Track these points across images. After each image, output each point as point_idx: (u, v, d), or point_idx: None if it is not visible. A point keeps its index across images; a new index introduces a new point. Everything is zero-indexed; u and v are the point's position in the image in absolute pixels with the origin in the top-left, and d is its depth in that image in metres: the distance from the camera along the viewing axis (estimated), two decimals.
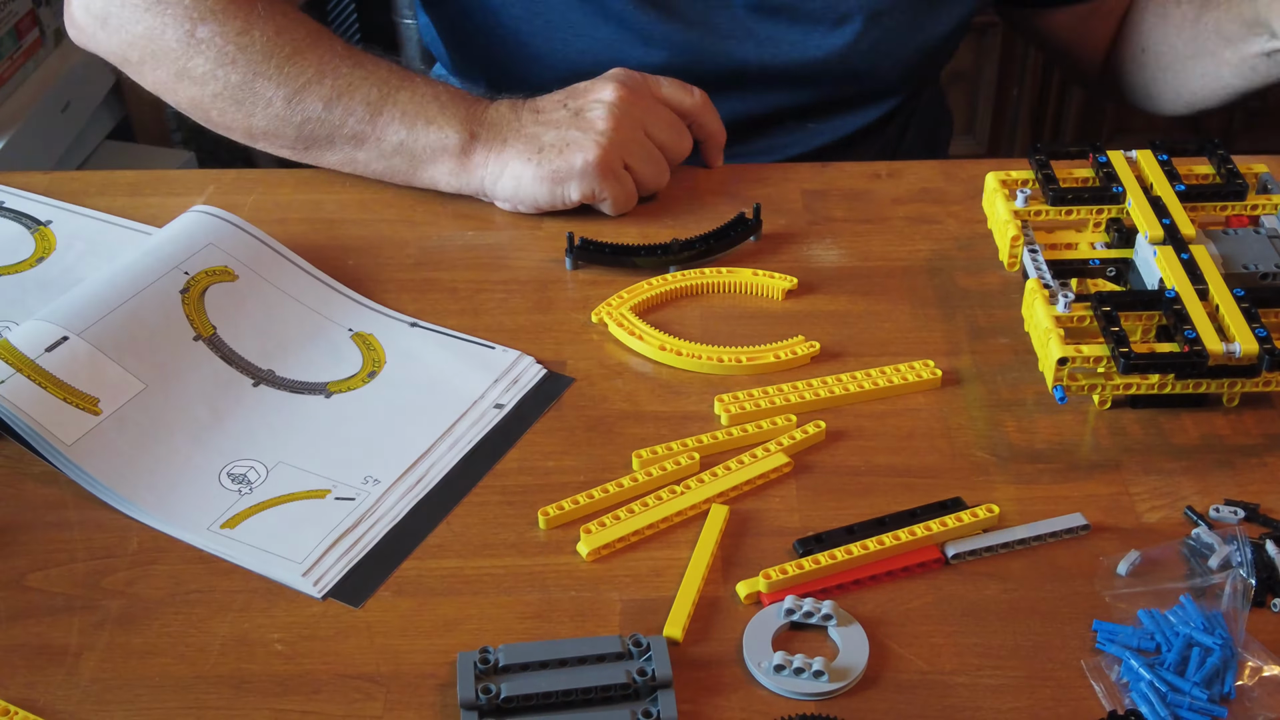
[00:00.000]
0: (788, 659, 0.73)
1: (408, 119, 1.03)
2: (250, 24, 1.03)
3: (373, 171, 1.07)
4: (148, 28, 1.05)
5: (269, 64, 1.03)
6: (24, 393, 0.84)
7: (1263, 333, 0.85)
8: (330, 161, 1.07)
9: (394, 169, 1.06)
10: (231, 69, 1.03)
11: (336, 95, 1.03)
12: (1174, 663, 0.72)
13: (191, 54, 1.04)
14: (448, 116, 1.03)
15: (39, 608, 0.78)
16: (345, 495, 0.84)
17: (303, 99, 1.03)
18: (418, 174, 1.06)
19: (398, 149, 1.04)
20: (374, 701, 0.72)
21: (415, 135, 1.03)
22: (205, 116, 1.07)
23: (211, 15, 1.03)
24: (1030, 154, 0.98)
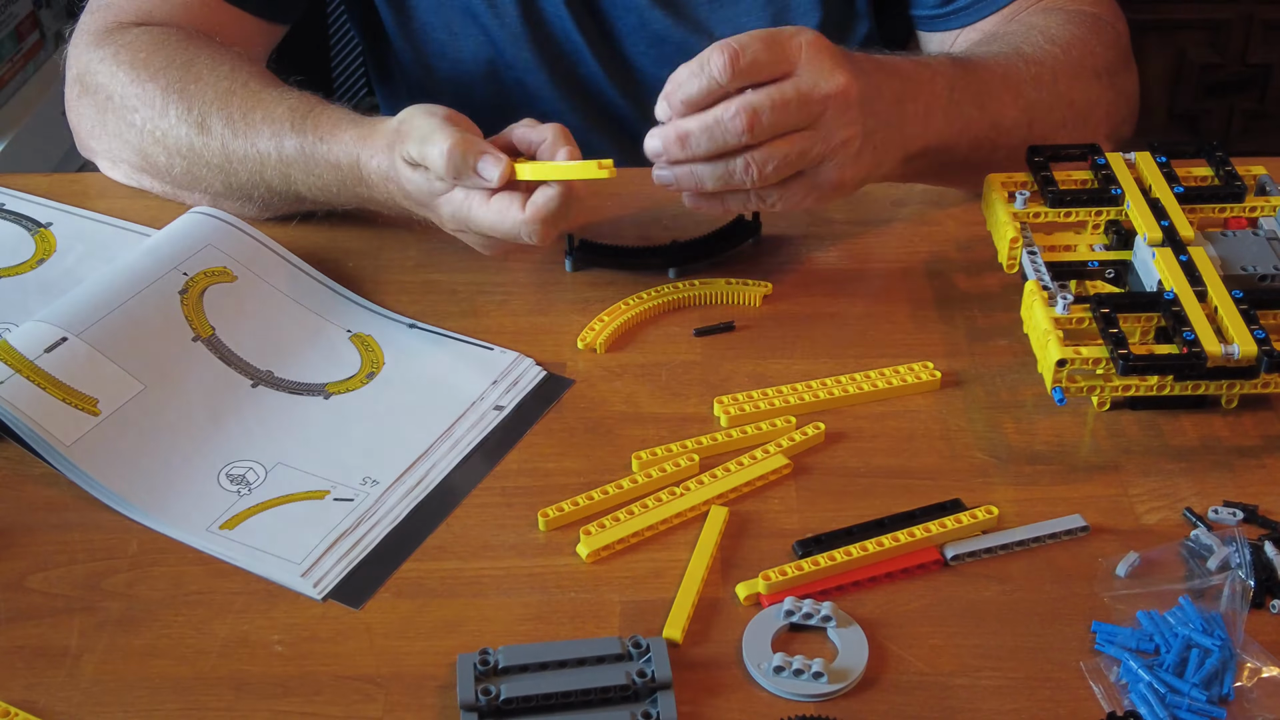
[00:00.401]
0: (787, 660, 0.73)
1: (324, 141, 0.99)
2: (167, 99, 1.02)
3: (319, 197, 1.01)
4: (109, 126, 1.05)
5: (188, 141, 1.01)
6: (23, 393, 0.84)
7: (1261, 334, 0.85)
8: (277, 206, 1.03)
9: (327, 195, 1.01)
10: (170, 157, 1.02)
11: (252, 173, 1.00)
12: (1173, 664, 0.72)
13: (140, 141, 1.03)
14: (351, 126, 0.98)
15: (39, 609, 0.78)
16: (344, 496, 0.84)
17: (233, 169, 1.01)
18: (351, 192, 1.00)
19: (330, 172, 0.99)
20: (374, 703, 0.73)
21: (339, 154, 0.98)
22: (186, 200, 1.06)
23: (139, 101, 1.02)
24: (1029, 156, 0.98)
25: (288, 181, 0.99)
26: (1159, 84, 2.38)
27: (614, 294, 0.99)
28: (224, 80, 1.02)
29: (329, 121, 0.98)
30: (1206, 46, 2.35)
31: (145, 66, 1.03)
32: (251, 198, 1.02)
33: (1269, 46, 2.34)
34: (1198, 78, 2.37)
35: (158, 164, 1.04)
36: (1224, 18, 2.31)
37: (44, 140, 1.94)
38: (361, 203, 0.99)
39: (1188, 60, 2.35)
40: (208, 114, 1.00)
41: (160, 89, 1.02)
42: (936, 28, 1.17)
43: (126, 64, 1.04)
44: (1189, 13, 2.31)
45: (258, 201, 1.02)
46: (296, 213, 1.04)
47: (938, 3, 1.16)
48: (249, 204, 1.02)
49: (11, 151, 1.86)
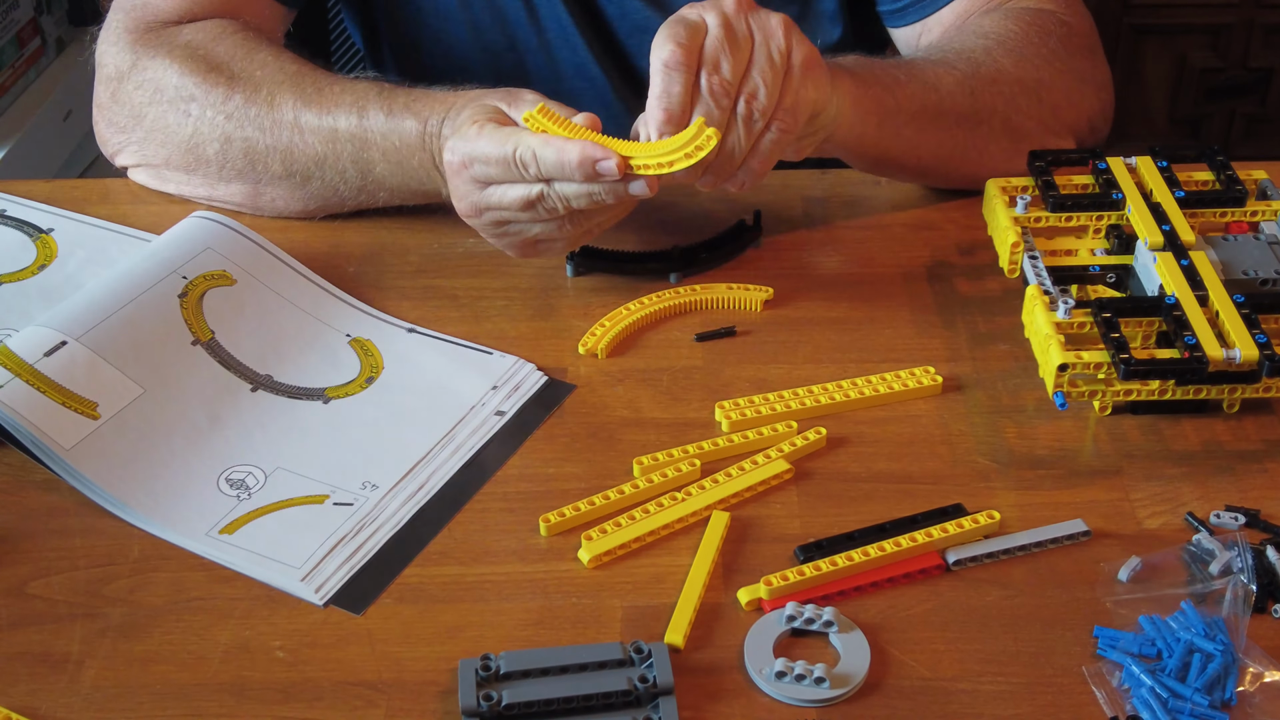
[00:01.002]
0: (789, 665, 0.73)
1: (389, 168, 1.00)
2: (232, 88, 1.02)
3: (386, 182, 1.02)
4: (153, 119, 1.04)
5: (253, 127, 1.01)
6: (22, 397, 0.84)
7: (1262, 339, 0.85)
8: (347, 207, 1.04)
9: (410, 200, 1.03)
10: (228, 145, 1.02)
11: (324, 158, 1.01)
12: (1175, 669, 0.72)
13: (192, 133, 1.03)
14: (411, 156, 0.99)
15: (41, 615, 0.78)
16: (343, 500, 0.84)
17: (293, 159, 1.01)
18: (415, 178, 1.01)
19: (396, 193, 1.02)
20: (375, 709, 0.72)
21: (407, 180, 1.00)
22: (231, 198, 1.06)
23: (197, 89, 1.02)
24: (1030, 161, 0.98)
25: (362, 148, 0.99)
26: (1160, 88, 2.38)
27: (615, 299, 0.99)
28: (291, 64, 1.02)
29: (422, 89, 0.99)
30: (1207, 50, 2.35)
31: (205, 60, 1.03)
32: (311, 178, 1.01)
33: (1270, 50, 2.34)
34: (1198, 82, 2.37)
35: (206, 154, 1.03)
36: (1225, 22, 2.31)
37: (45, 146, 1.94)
38: (430, 170, 0.98)
39: (1189, 64, 2.35)
40: (277, 92, 1.01)
41: (225, 78, 1.02)
42: (898, 22, 1.17)
43: (182, 58, 1.03)
44: (1190, 17, 2.31)
45: (318, 181, 1.02)
46: (349, 204, 1.04)
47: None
48: (306, 186, 1.02)
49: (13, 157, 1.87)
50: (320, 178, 1.02)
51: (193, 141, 1.03)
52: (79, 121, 1.99)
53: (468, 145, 0.89)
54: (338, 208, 1.04)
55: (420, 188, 1.01)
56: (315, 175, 1.01)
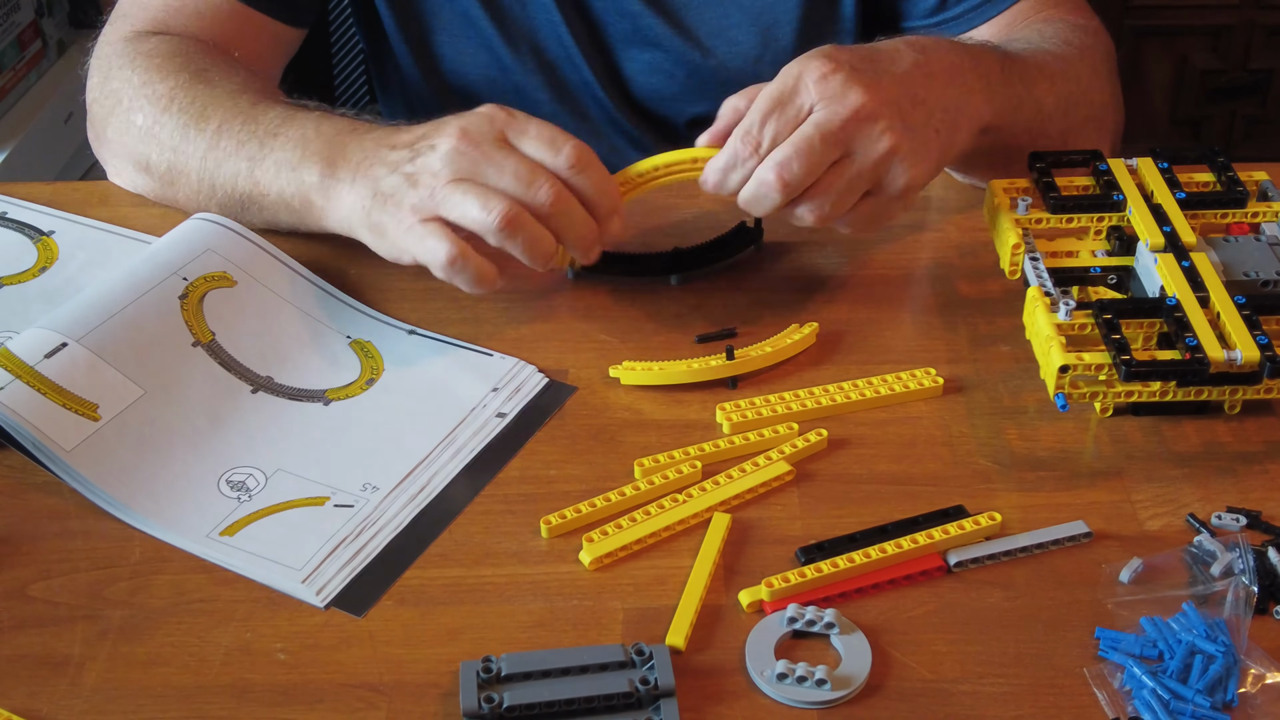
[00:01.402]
0: (790, 667, 0.73)
1: (278, 168, 0.97)
2: (172, 100, 1.02)
3: (284, 226, 1.00)
4: (114, 130, 1.06)
5: (180, 137, 1.01)
6: (23, 399, 0.84)
7: (1264, 340, 0.85)
8: (259, 224, 1.01)
9: (288, 223, 0.99)
10: (159, 150, 1.03)
11: (226, 156, 0.99)
12: (1176, 670, 0.72)
13: (138, 143, 1.04)
14: (309, 156, 0.95)
15: (42, 618, 0.78)
16: (344, 502, 0.84)
17: (206, 165, 1.01)
18: (306, 222, 0.98)
19: (278, 202, 0.98)
20: (377, 711, 0.72)
21: (282, 184, 0.97)
22: (171, 204, 1.06)
23: (146, 101, 1.03)
24: (1031, 162, 0.98)
25: (258, 158, 0.98)
26: (1161, 89, 2.38)
27: (616, 301, 0.99)
28: (237, 82, 1.03)
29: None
30: (1208, 52, 2.35)
31: (159, 70, 1.04)
32: (214, 194, 1.01)
33: (1270, 52, 2.34)
34: (1199, 83, 2.37)
35: (149, 161, 1.04)
36: (1225, 23, 2.31)
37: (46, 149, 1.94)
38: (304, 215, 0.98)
39: (1189, 66, 2.35)
40: (210, 107, 1.01)
41: (168, 89, 1.03)
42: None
43: (141, 68, 1.05)
44: (1191, 18, 2.32)
45: (218, 198, 1.01)
46: (251, 225, 1.02)
47: (927, 13, 1.16)
48: (211, 200, 1.02)
49: (14, 160, 1.87)
50: (220, 185, 1.01)
51: (139, 151, 1.05)
52: (80, 124, 1.98)
53: (512, 122, 0.89)
54: (243, 219, 1.01)
55: (295, 196, 0.97)
56: (217, 181, 1.01)
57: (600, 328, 0.97)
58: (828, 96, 0.89)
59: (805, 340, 0.95)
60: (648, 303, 0.99)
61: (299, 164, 0.96)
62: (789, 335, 0.95)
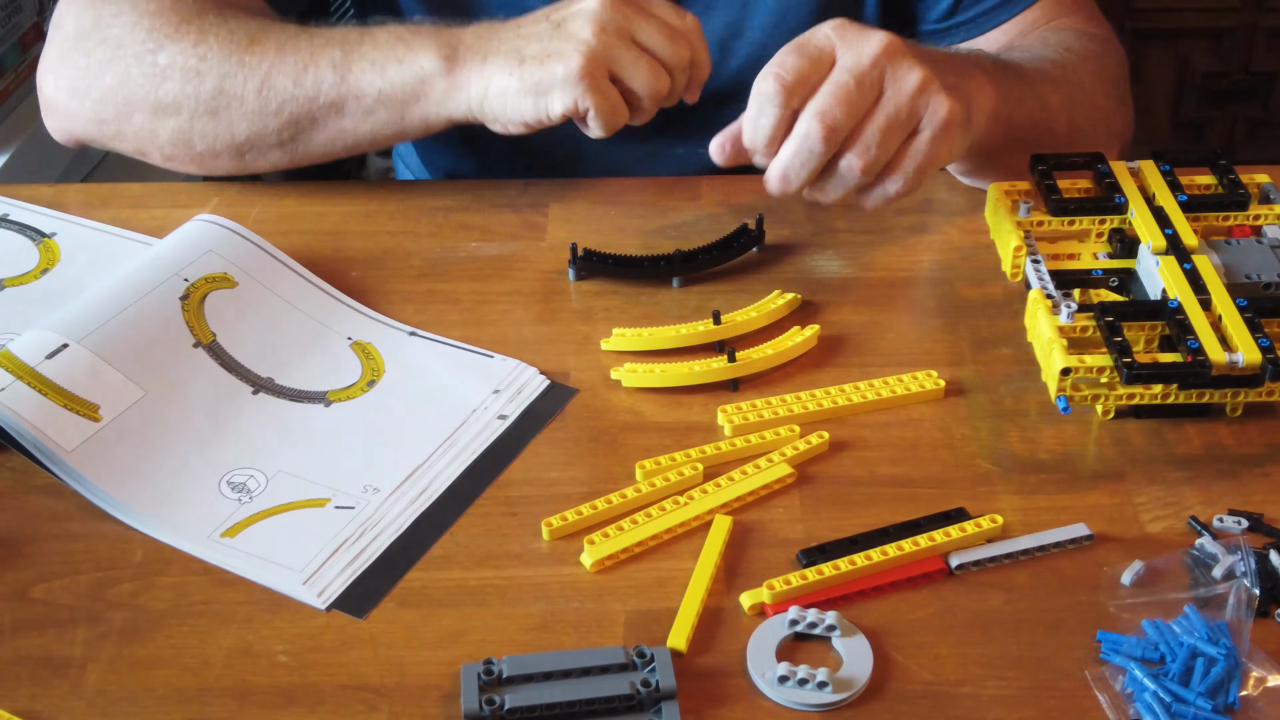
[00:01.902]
0: (792, 670, 0.73)
1: (378, 66, 0.98)
2: (204, 33, 1.01)
3: (364, 135, 1.01)
4: (114, 76, 1.03)
5: (229, 61, 1.00)
6: (24, 399, 0.84)
7: (1266, 343, 0.85)
8: (319, 143, 1.02)
9: (382, 123, 1.01)
10: (200, 81, 1.00)
11: (302, 68, 0.99)
12: (1178, 673, 0.72)
13: (160, 82, 1.01)
14: (419, 48, 0.98)
15: (43, 620, 0.78)
16: (345, 504, 0.84)
17: (271, 82, 0.99)
18: (406, 119, 1.00)
19: (379, 100, 0.99)
20: (378, 713, 0.72)
21: (390, 79, 0.98)
22: (190, 148, 1.03)
23: (168, 39, 1.01)
24: (1033, 164, 0.98)
25: (346, 62, 0.98)
26: (1162, 92, 2.38)
27: (618, 303, 0.99)
28: (271, 16, 1.03)
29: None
30: (1210, 54, 2.35)
31: (172, 10, 1.02)
32: (281, 112, 1.00)
33: (1272, 54, 2.34)
34: (1201, 86, 2.37)
35: (167, 97, 1.01)
36: (1227, 26, 2.31)
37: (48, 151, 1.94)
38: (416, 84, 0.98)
39: (1191, 68, 2.35)
40: (260, 32, 1.00)
41: (196, 29, 1.01)
42: (940, 43, 1.17)
43: (148, 12, 1.02)
44: (1192, 21, 2.31)
45: (285, 116, 1.00)
46: (308, 149, 1.02)
47: (941, 16, 1.16)
48: (272, 120, 1.01)
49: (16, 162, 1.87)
50: (291, 113, 1.00)
51: (157, 87, 1.02)
52: None
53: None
54: (302, 141, 1.02)
55: (403, 87, 0.99)
56: (288, 108, 1.00)
57: (602, 330, 0.97)
58: (850, 41, 0.89)
59: (807, 342, 0.95)
60: (650, 305, 0.99)
61: (407, 57, 0.98)
62: (790, 337, 0.95)
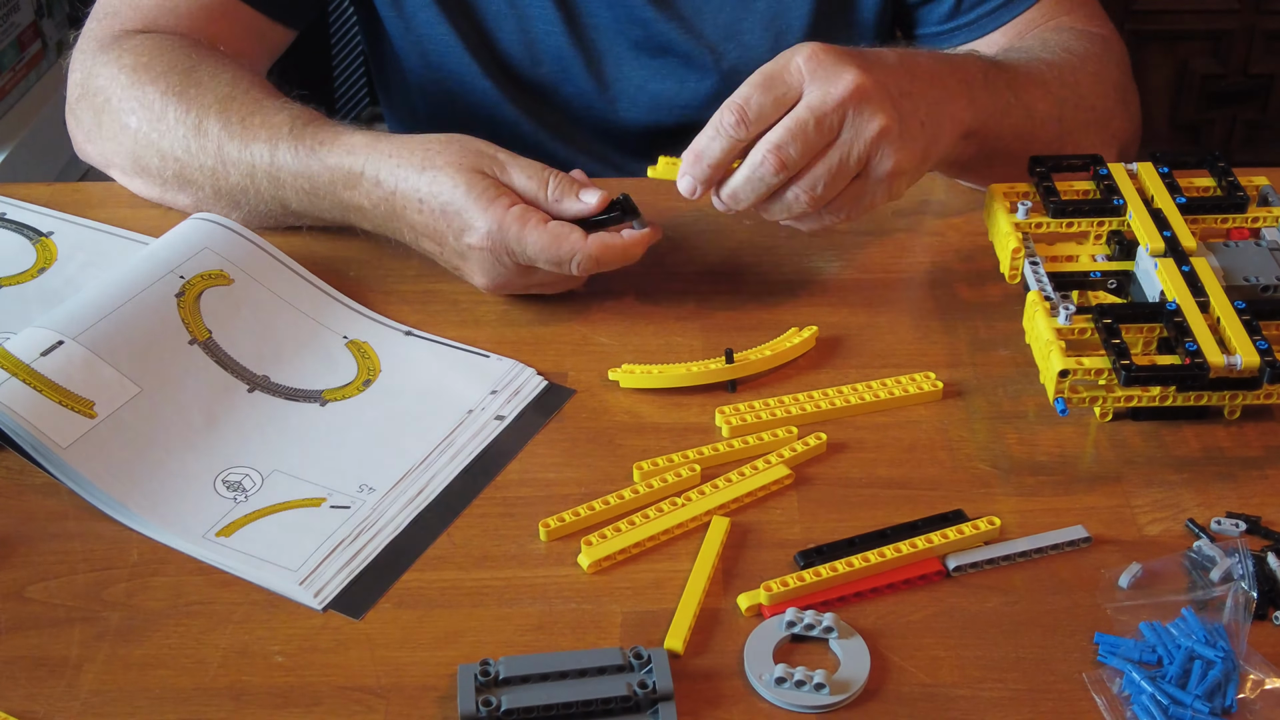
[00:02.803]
0: (789, 671, 0.73)
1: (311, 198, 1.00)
2: (165, 101, 1.02)
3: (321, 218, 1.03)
4: (107, 132, 1.05)
5: (183, 143, 1.01)
6: (19, 396, 0.84)
7: (1264, 345, 0.85)
8: (274, 219, 1.03)
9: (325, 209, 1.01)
10: (162, 160, 1.03)
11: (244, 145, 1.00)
12: (1175, 675, 0.72)
13: (133, 146, 1.04)
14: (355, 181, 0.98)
15: (39, 619, 0.77)
16: (340, 504, 0.84)
17: (224, 162, 1.01)
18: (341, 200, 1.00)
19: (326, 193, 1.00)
20: (374, 714, 0.72)
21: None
22: (180, 204, 1.06)
23: (139, 105, 1.03)
24: (1031, 166, 0.98)
25: (277, 186, 0.99)
26: (1161, 94, 2.38)
27: (616, 304, 0.99)
28: (225, 86, 1.02)
29: (330, 130, 0.99)
30: (1208, 57, 2.35)
31: (146, 70, 1.04)
32: (239, 204, 1.02)
33: (1271, 57, 2.34)
34: (1200, 88, 2.37)
35: (149, 166, 1.04)
36: (1226, 28, 2.32)
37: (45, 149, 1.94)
38: (345, 211, 0.99)
39: (1190, 70, 2.35)
40: (205, 117, 1.01)
41: (159, 92, 1.02)
42: (942, 45, 1.17)
43: (128, 68, 1.04)
44: (1191, 23, 2.32)
45: (245, 208, 1.02)
46: (280, 226, 1.04)
47: (942, 19, 1.16)
48: (236, 210, 1.02)
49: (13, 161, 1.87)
50: (247, 205, 1.02)
51: (135, 152, 1.05)
52: None
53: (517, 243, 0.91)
54: (275, 227, 1.04)
55: (336, 221, 1.01)
56: (242, 202, 1.02)
57: (599, 330, 0.97)
58: (820, 77, 0.89)
59: (805, 344, 0.95)
60: (647, 306, 0.99)
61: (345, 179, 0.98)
62: (788, 339, 0.95)
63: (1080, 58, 1.08)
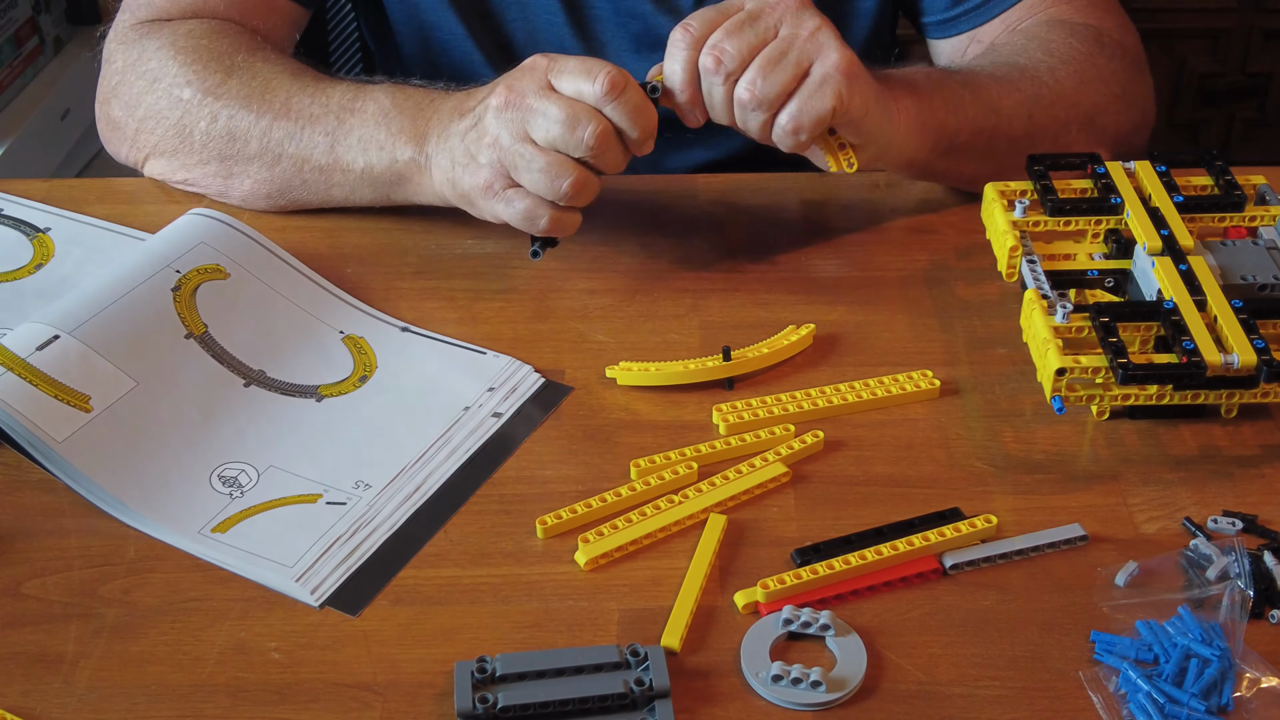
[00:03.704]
0: (785, 669, 0.73)
1: (362, 146, 1.01)
2: (228, 75, 1.04)
3: (357, 202, 1.04)
4: (146, 107, 1.06)
5: (240, 109, 1.03)
6: (15, 391, 0.84)
7: (1261, 344, 0.85)
8: (314, 201, 1.05)
9: (369, 198, 1.04)
10: (213, 122, 1.03)
11: (299, 129, 1.02)
12: (1172, 674, 0.72)
13: (181, 116, 1.04)
14: (396, 135, 1.00)
15: (36, 616, 0.77)
16: (336, 500, 0.84)
17: (272, 135, 1.02)
18: (394, 197, 1.03)
19: (363, 178, 1.02)
20: (371, 711, 0.72)
21: (372, 161, 1.01)
22: (208, 185, 1.06)
23: (195, 76, 1.04)
24: (1029, 165, 0.98)
25: (336, 134, 1.00)
26: (1159, 93, 2.36)
27: (613, 301, 0.99)
28: (293, 63, 1.05)
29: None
30: (1206, 55, 2.35)
31: (206, 50, 1.05)
32: (281, 158, 1.02)
33: (1269, 55, 2.34)
34: (1197, 86, 2.37)
35: (191, 136, 1.04)
36: (1224, 26, 2.32)
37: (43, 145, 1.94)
38: (395, 143, 1.00)
39: (1187, 69, 2.35)
40: (274, 79, 1.03)
41: (224, 68, 1.04)
42: (946, 33, 1.18)
43: (184, 49, 1.05)
44: (1189, 21, 2.32)
45: (285, 163, 1.02)
46: (320, 185, 1.04)
47: (947, 4, 1.16)
48: (274, 167, 1.03)
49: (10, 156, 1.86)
50: (291, 157, 1.02)
51: (181, 124, 1.05)
52: (76, 120, 1.99)
53: (549, 69, 0.92)
54: (299, 194, 1.04)
55: (384, 171, 1.01)
56: (285, 155, 1.02)
57: (597, 328, 0.97)
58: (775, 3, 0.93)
59: (802, 342, 0.95)
60: (644, 303, 0.99)
61: (387, 142, 1.00)
62: (786, 337, 0.95)
63: (1061, 57, 1.07)
